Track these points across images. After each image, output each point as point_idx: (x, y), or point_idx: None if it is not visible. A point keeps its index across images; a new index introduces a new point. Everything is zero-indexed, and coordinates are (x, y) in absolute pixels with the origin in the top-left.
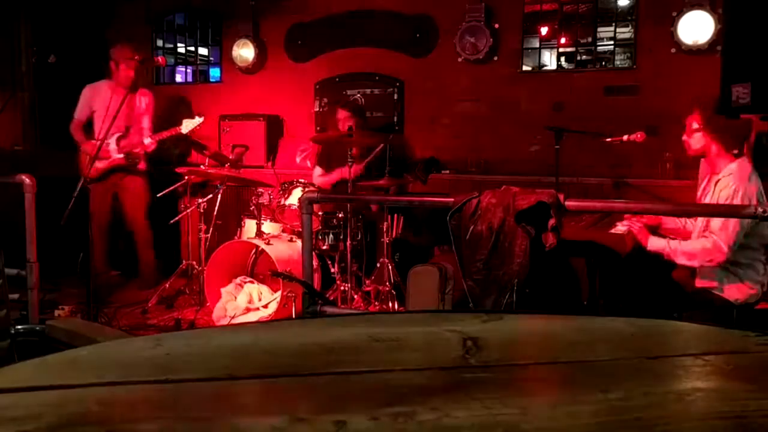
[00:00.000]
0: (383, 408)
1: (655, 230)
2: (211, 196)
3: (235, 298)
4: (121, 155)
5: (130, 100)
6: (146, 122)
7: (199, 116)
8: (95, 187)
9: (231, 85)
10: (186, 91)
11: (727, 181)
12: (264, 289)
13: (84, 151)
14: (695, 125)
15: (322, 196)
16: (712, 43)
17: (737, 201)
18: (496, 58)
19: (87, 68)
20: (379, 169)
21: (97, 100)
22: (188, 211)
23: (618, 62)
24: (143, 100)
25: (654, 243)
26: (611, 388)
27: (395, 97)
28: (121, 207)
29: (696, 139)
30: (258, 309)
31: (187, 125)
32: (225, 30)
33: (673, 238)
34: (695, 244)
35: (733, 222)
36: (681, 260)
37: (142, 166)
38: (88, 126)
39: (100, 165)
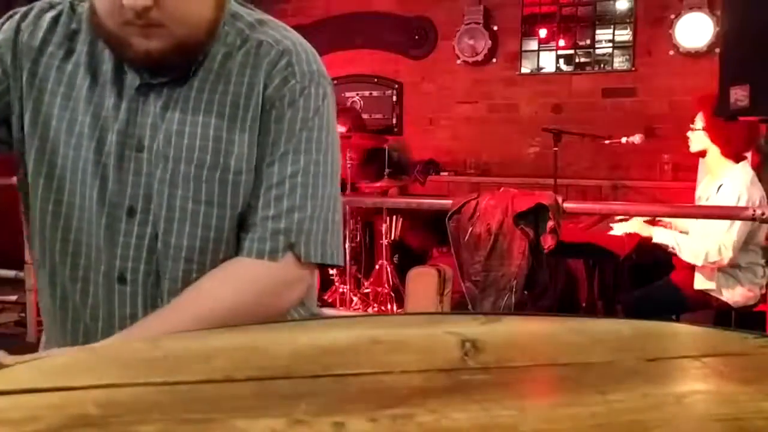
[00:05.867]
0: (382, 410)
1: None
2: None
3: None
4: None
5: None
6: None
7: None
8: None
9: None
10: None
11: (730, 186)
12: None
13: None
14: (700, 124)
15: None
16: (711, 46)
17: (741, 205)
18: (494, 60)
19: None
20: (378, 171)
21: None
22: None
23: (616, 64)
24: None
25: (660, 235)
26: (609, 390)
27: (394, 99)
28: None
29: (698, 138)
30: None
31: None
32: None
33: (683, 231)
34: (702, 244)
35: (736, 223)
36: (686, 257)
37: None
38: None
39: None
